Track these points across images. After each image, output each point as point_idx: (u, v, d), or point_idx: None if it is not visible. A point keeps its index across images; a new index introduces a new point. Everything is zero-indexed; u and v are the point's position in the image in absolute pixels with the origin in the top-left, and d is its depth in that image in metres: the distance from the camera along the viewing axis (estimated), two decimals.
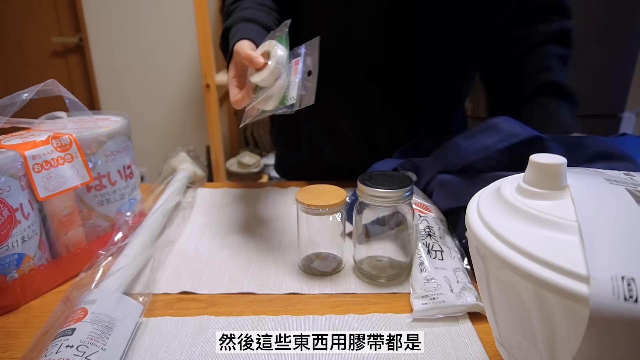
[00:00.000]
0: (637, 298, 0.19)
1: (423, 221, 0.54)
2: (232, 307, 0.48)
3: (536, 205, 0.27)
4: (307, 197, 0.51)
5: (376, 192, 0.48)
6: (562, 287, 0.22)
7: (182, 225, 0.66)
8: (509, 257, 0.24)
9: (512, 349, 0.30)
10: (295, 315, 0.47)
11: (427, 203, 0.58)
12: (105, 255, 0.52)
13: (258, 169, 2.02)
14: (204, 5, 1.59)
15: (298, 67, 0.51)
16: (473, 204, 0.31)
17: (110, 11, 2.11)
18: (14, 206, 0.47)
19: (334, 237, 0.55)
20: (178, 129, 2.31)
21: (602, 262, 0.21)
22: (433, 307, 0.45)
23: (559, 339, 0.24)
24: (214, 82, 1.69)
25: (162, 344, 0.43)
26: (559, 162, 0.27)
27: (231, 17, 0.67)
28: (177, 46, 2.15)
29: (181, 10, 2.08)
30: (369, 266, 0.54)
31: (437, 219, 0.55)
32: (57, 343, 0.37)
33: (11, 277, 0.48)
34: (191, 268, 0.55)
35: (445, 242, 0.53)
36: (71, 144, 0.53)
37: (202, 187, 0.80)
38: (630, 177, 0.29)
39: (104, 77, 2.24)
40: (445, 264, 0.50)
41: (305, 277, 0.54)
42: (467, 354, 0.41)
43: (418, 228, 0.53)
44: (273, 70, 0.50)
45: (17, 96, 0.49)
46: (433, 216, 0.55)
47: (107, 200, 0.58)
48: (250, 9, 0.67)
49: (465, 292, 0.46)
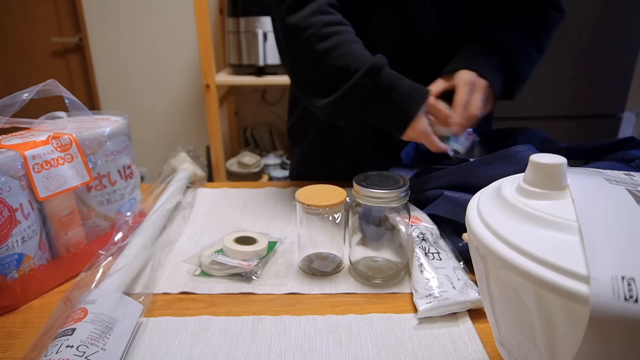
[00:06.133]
0: (637, 298, 0.19)
1: (415, 229, 0.54)
2: (232, 307, 0.48)
3: (536, 205, 0.27)
4: (307, 197, 0.51)
5: (371, 193, 0.48)
6: (562, 287, 0.22)
7: (182, 225, 0.66)
8: (509, 257, 0.24)
9: (512, 349, 0.30)
10: (295, 315, 0.47)
11: (417, 214, 0.58)
12: (105, 255, 0.52)
13: (258, 169, 2.01)
14: (204, 5, 1.59)
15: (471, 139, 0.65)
16: (473, 204, 0.31)
17: (110, 11, 2.12)
18: (14, 206, 0.47)
19: (334, 237, 0.55)
20: (178, 129, 2.31)
21: (602, 262, 0.21)
22: (438, 305, 0.45)
23: (559, 339, 0.24)
24: (214, 82, 1.69)
25: (162, 344, 0.43)
26: (559, 162, 0.27)
27: (355, 52, 0.62)
28: (177, 46, 2.15)
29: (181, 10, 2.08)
30: (365, 267, 0.54)
31: (428, 227, 0.56)
32: (57, 343, 0.37)
33: (11, 277, 0.48)
34: (191, 268, 0.55)
35: (440, 245, 0.53)
36: (71, 144, 0.53)
37: (202, 187, 0.80)
38: (630, 177, 0.29)
39: (104, 77, 2.24)
40: (444, 264, 0.50)
41: (305, 277, 0.54)
42: (467, 354, 0.41)
43: (412, 235, 0.53)
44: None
45: (17, 96, 0.49)
46: (425, 225, 0.56)
47: (107, 200, 0.58)
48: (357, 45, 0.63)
49: (467, 289, 0.47)
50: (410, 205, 0.59)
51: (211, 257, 0.54)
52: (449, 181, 0.58)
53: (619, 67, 1.64)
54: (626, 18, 1.58)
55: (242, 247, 0.55)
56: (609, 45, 1.60)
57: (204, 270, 0.54)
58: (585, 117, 1.69)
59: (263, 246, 0.55)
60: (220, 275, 0.53)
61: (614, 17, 1.58)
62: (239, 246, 0.55)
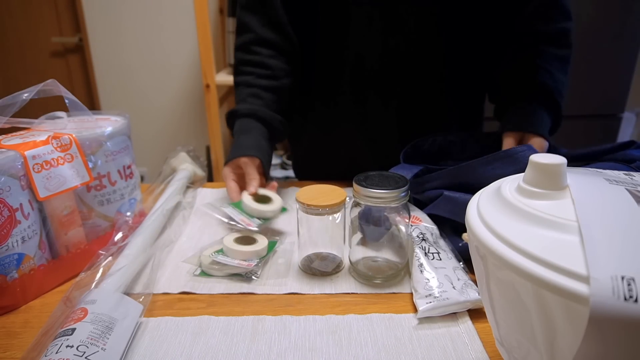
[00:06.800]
0: (637, 298, 0.19)
1: (415, 229, 0.54)
2: (232, 307, 0.48)
3: (536, 205, 0.26)
4: (307, 197, 0.51)
5: (371, 193, 0.48)
6: (562, 287, 0.22)
7: (182, 225, 0.66)
8: (509, 257, 0.24)
9: (512, 349, 0.30)
10: (295, 315, 0.47)
11: (417, 214, 0.58)
12: (105, 255, 0.52)
13: None
14: (204, 5, 1.59)
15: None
16: (473, 204, 0.31)
17: (110, 11, 2.11)
18: (14, 206, 0.47)
19: (334, 237, 0.55)
20: (178, 129, 2.31)
21: (602, 262, 0.21)
22: (438, 305, 0.45)
23: (559, 339, 0.24)
24: (214, 82, 1.69)
25: (162, 344, 0.43)
26: (559, 162, 0.27)
27: (240, 97, 0.75)
28: (177, 46, 2.15)
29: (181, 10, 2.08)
30: (365, 267, 0.54)
31: (428, 227, 0.56)
32: (57, 343, 0.37)
33: (11, 277, 0.48)
34: (191, 268, 0.55)
35: (440, 245, 0.53)
36: (71, 144, 0.53)
37: (202, 187, 0.80)
38: (630, 177, 0.29)
39: (104, 77, 2.23)
40: (444, 264, 0.50)
41: (305, 277, 0.54)
42: (467, 354, 0.41)
43: (412, 235, 0.53)
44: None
45: (17, 96, 0.49)
46: (424, 225, 0.56)
47: (107, 200, 0.58)
48: (257, 99, 0.73)
49: (467, 289, 0.47)
50: (410, 205, 0.59)
51: (211, 257, 0.54)
52: (448, 181, 0.58)
53: (619, 67, 1.64)
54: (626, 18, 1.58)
55: (242, 247, 0.55)
56: (609, 45, 1.60)
57: (204, 270, 0.54)
58: (585, 117, 1.69)
59: (263, 246, 0.55)
60: (220, 275, 0.53)
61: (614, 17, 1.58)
62: (239, 246, 0.55)
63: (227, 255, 0.54)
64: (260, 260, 0.54)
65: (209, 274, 0.54)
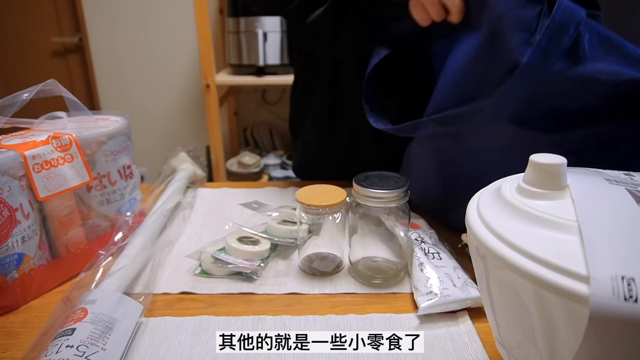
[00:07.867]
0: (637, 298, 0.19)
1: (414, 233, 0.54)
2: (232, 307, 0.48)
3: (536, 205, 0.27)
4: (307, 197, 0.51)
5: (371, 193, 0.48)
6: (562, 287, 0.22)
7: (182, 225, 0.66)
8: (509, 257, 0.24)
9: (512, 349, 0.30)
10: (295, 315, 0.47)
11: (414, 220, 0.58)
12: (105, 255, 0.52)
13: (258, 169, 2.01)
14: (204, 5, 1.59)
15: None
16: (473, 204, 0.31)
17: (110, 11, 2.11)
18: (14, 206, 0.47)
19: (334, 237, 0.55)
20: (178, 129, 2.31)
21: (602, 262, 0.21)
22: (439, 302, 0.45)
23: (559, 339, 0.24)
24: (214, 82, 1.69)
25: (162, 344, 0.43)
26: (559, 162, 0.27)
27: None
28: (177, 46, 2.15)
29: (181, 10, 2.08)
30: (365, 267, 0.54)
31: (427, 232, 0.56)
32: (57, 343, 0.37)
33: (11, 277, 0.48)
34: (191, 267, 0.55)
35: (438, 248, 0.53)
36: (71, 144, 0.53)
37: (202, 187, 0.80)
38: (630, 177, 0.29)
39: (104, 77, 2.24)
40: (445, 263, 0.50)
41: (305, 277, 0.54)
42: (467, 354, 0.41)
43: (410, 238, 0.53)
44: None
45: (17, 96, 0.49)
46: (423, 231, 0.56)
47: (107, 200, 0.58)
48: None
49: (468, 287, 0.47)
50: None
51: (213, 254, 0.54)
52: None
53: None
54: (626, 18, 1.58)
55: (245, 246, 0.55)
56: None
57: (205, 269, 0.54)
58: None
59: (266, 247, 0.55)
60: (220, 274, 0.53)
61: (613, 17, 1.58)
62: (242, 245, 0.55)
63: (230, 253, 0.54)
64: (263, 261, 0.54)
65: (209, 272, 0.54)
